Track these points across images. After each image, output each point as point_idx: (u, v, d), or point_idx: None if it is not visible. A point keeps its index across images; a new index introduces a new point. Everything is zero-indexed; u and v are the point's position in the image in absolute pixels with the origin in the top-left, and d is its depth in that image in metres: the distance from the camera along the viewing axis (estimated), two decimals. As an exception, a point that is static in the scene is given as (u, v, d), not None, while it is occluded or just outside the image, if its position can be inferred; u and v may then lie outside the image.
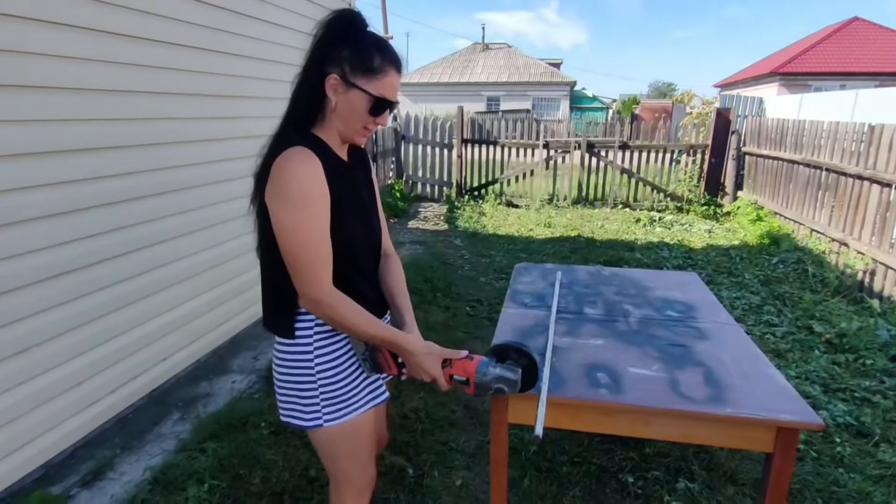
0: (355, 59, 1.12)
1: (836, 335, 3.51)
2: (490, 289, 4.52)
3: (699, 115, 10.31)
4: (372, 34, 1.17)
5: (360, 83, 1.13)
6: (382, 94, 1.15)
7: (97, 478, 2.21)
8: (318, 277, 1.12)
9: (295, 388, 1.24)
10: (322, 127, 1.20)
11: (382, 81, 1.14)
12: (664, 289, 2.33)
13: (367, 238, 1.29)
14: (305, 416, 1.25)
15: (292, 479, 2.14)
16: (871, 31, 19.34)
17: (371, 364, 1.26)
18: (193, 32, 2.86)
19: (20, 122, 2.04)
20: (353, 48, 1.13)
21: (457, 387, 1.24)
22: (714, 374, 1.57)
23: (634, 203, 8.17)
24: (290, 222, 1.10)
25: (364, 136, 1.23)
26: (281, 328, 1.23)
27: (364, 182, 1.32)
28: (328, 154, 1.18)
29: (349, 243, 1.20)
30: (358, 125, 1.19)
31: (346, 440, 1.29)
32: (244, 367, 3.18)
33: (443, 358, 1.22)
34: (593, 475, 2.20)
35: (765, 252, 5.59)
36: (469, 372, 1.21)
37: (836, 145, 5.22)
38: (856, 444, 2.44)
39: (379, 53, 1.14)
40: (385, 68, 1.14)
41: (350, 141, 1.24)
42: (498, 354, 1.26)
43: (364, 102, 1.15)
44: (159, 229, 2.77)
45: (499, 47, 28.94)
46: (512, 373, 1.21)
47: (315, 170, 1.10)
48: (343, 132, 1.20)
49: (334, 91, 1.14)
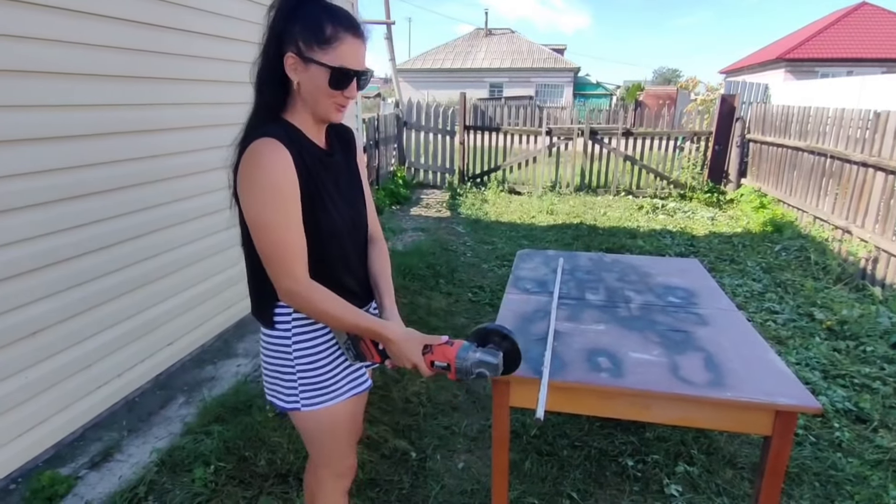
0: (307, 31, 1.07)
1: (838, 322, 3.53)
2: (492, 275, 4.54)
3: (704, 101, 10.23)
4: (322, 3, 1.10)
5: (317, 57, 1.07)
6: (341, 64, 1.08)
7: (105, 459, 2.25)
8: (291, 270, 1.10)
9: (276, 372, 1.26)
10: (293, 110, 1.15)
11: (339, 50, 1.07)
12: (666, 275, 2.34)
13: (350, 224, 1.25)
14: (285, 398, 1.27)
15: (297, 460, 2.17)
16: (879, 17, 19.07)
17: (354, 352, 1.26)
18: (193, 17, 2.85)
19: (19, 107, 2.04)
20: (304, 22, 1.07)
21: (438, 373, 1.23)
22: (714, 359, 1.58)
23: (637, 190, 8.14)
24: (260, 217, 1.08)
25: (339, 113, 1.16)
26: (262, 317, 1.24)
27: (346, 167, 1.28)
28: (300, 141, 1.14)
29: (329, 231, 1.18)
30: (327, 102, 1.12)
31: (325, 425, 1.30)
32: (249, 351, 3.21)
33: (423, 344, 1.21)
34: (593, 458, 2.23)
35: (767, 240, 5.59)
36: (449, 357, 1.20)
37: (841, 132, 5.18)
38: (854, 429, 2.46)
39: (330, 21, 1.07)
40: (339, 35, 1.07)
41: (326, 120, 1.18)
42: (480, 339, 1.25)
43: (324, 76, 1.08)
44: (166, 214, 2.78)
45: (502, 33, 28.65)
46: (492, 356, 1.20)
47: (283, 160, 1.06)
48: (314, 111, 1.15)
49: (294, 70, 1.09)
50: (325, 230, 1.17)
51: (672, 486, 2.07)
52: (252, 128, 1.14)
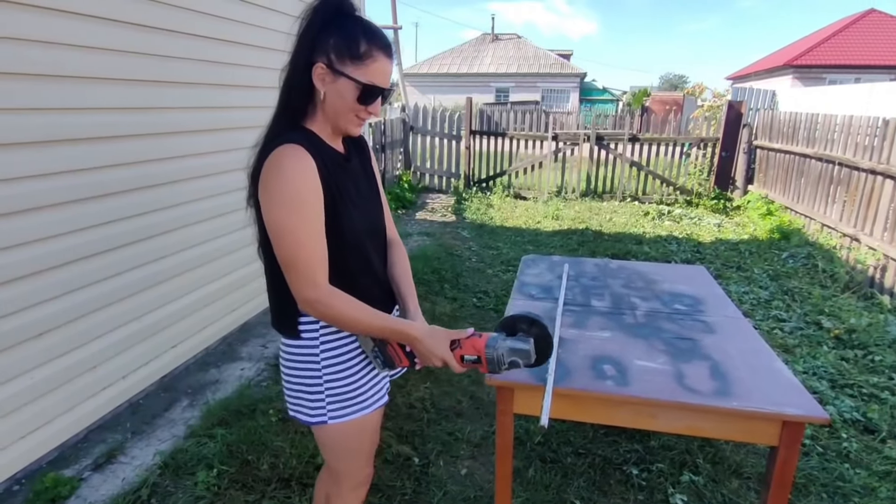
0: (342, 45, 1.08)
1: (846, 331, 3.49)
2: (497, 280, 4.53)
3: (710, 107, 10.19)
4: (359, 18, 1.12)
5: (348, 71, 1.08)
6: (371, 80, 1.10)
7: (109, 461, 2.26)
8: (313, 278, 1.09)
9: (301, 385, 1.24)
10: (314, 119, 1.16)
11: (371, 68, 1.09)
12: (672, 282, 2.33)
13: (370, 228, 1.26)
14: (311, 412, 1.24)
15: (300, 465, 2.17)
16: (887, 24, 18.99)
17: (382, 360, 1.23)
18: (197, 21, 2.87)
19: (35, 110, 2.06)
20: (339, 35, 1.08)
21: (469, 368, 1.18)
22: (720, 368, 1.57)
23: (643, 196, 8.12)
24: (282, 224, 1.07)
25: (358, 126, 1.18)
26: (286, 328, 1.22)
27: (363, 171, 1.29)
28: (321, 148, 1.14)
29: (350, 236, 1.18)
30: (349, 115, 1.14)
31: (350, 438, 1.28)
32: (253, 354, 3.21)
33: (450, 339, 1.18)
34: (598, 467, 2.21)
35: (774, 247, 5.55)
36: (479, 349, 1.15)
37: (849, 139, 5.15)
38: (862, 440, 2.43)
39: (366, 38, 1.09)
40: (373, 53, 1.09)
41: (343, 132, 1.20)
42: (507, 328, 1.19)
43: (353, 91, 1.10)
44: (172, 217, 2.79)
45: (508, 38, 28.71)
46: (524, 343, 1.15)
47: (307, 168, 1.07)
48: (334, 123, 1.16)
49: (322, 81, 1.10)
50: (347, 235, 1.17)
51: (677, 495, 2.05)
52: (274, 134, 1.15)
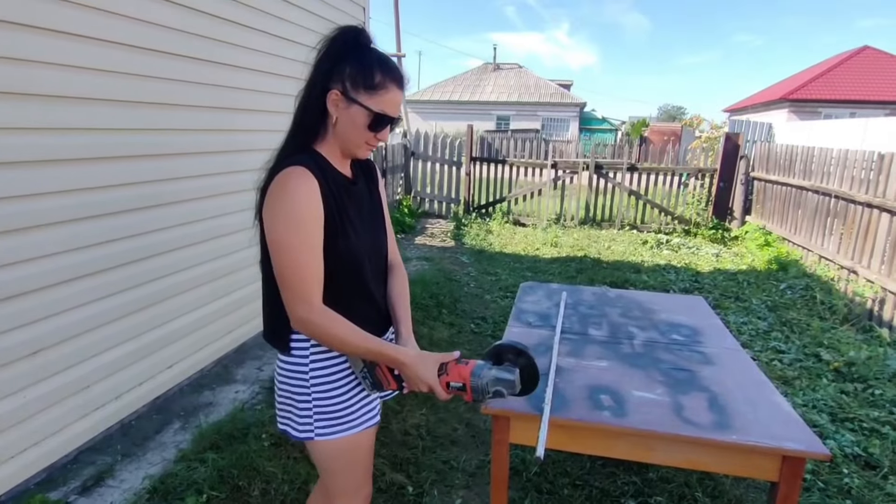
0: (357, 74, 1.13)
1: (845, 364, 3.47)
2: (495, 306, 4.52)
3: (708, 139, 10.34)
4: (375, 51, 1.18)
5: (361, 99, 1.14)
6: (382, 109, 1.15)
7: (97, 484, 2.21)
8: (308, 297, 1.12)
9: (291, 399, 1.26)
10: (324, 142, 1.21)
11: (383, 98, 1.15)
12: (670, 312, 2.32)
13: (369, 251, 1.28)
14: (298, 427, 1.26)
15: (291, 491, 2.13)
16: (881, 61, 19.40)
17: (371, 381, 1.23)
18: (200, 44, 2.93)
19: (30, 129, 2.08)
20: (355, 64, 1.14)
21: (455, 394, 1.19)
22: (719, 400, 1.56)
23: (642, 225, 8.16)
24: (282, 242, 1.11)
25: (366, 152, 1.23)
26: (278, 342, 1.25)
27: (368, 194, 1.33)
28: (327, 170, 1.19)
29: (348, 257, 1.20)
30: (359, 140, 1.19)
31: (339, 456, 1.29)
32: (248, 377, 3.18)
33: (438, 364, 1.18)
34: (595, 499, 2.17)
35: (773, 278, 5.56)
36: (464, 377, 1.16)
37: (845, 173, 5.21)
38: (864, 475, 2.39)
39: (380, 70, 1.14)
40: (386, 84, 1.15)
41: (352, 156, 1.25)
42: (494, 357, 1.21)
43: (364, 118, 1.15)
44: (169, 238, 2.80)
45: (510, 67, 29.25)
46: (509, 373, 1.15)
47: (311, 190, 1.11)
48: (344, 147, 1.21)
49: (335, 106, 1.16)
50: (345, 257, 1.20)
51: (676, 530, 2.01)
52: (285, 154, 1.20)
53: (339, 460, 1.30)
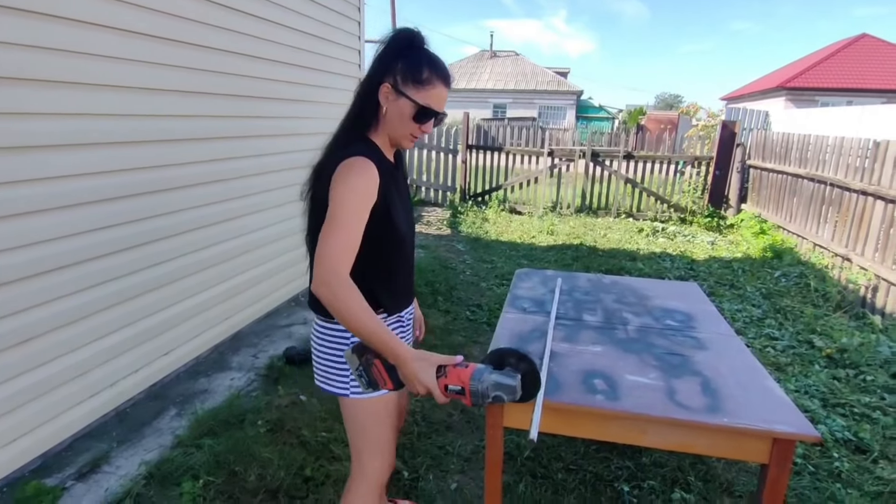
0: (407, 70, 1.26)
1: (837, 350, 3.50)
2: (491, 294, 4.52)
3: (704, 127, 10.32)
4: (426, 51, 1.31)
5: (409, 92, 1.27)
6: (427, 103, 1.28)
7: (93, 470, 2.22)
8: (338, 262, 1.16)
9: (330, 360, 1.38)
10: (376, 131, 1.34)
11: (429, 92, 1.28)
12: (664, 298, 2.33)
13: (411, 231, 1.46)
14: (336, 385, 1.39)
15: (287, 477, 2.14)
16: (879, 49, 19.35)
17: (367, 380, 1.22)
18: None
19: (33, 115, 2.06)
20: (407, 61, 1.27)
21: (453, 398, 1.17)
22: (711, 385, 1.57)
23: (638, 213, 8.17)
24: (340, 206, 1.19)
25: (411, 142, 1.36)
26: (323, 309, 1.32)
27: (403, 179, 1.50)
28: (380, 159, 1.31)
29: (399, 237, 1.36)
30: (405, 131, 1.32)
31: (370, 414, 1.39)
32: (244, 364, 3.18)
33: (437, 366, 1.17)
34: (589, 483, 2.19)
35: (767, 265, 5.58)
36: (464, 380, 1.13)
37: (840, 160, 5.22)
38: (854, 459, 2.42)
39: (429, 67, 1.27)
40: (433, 81, 1.28)
41: (398, 146, 1.40)
42: (495, 361, 1.19)
43: (410, 110, 1.28)
44: (164, 225, 2.78)
45: (507, 55, 29.05)
46: (510, 378, 1.14)
47: (371, 178, 1.24)
48: (392, 137, 1.35)
49: (385, 98, 1.29)
50: (396, 237, 1.36)
51: (668, 513, 2.03)
52: (344, 141, 1.32)
53: (369, 418, 1.40)
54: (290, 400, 2.74)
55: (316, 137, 1.51)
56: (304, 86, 3.91)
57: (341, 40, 4.42)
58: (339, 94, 4.35)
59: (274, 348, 3.37)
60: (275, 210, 3.76)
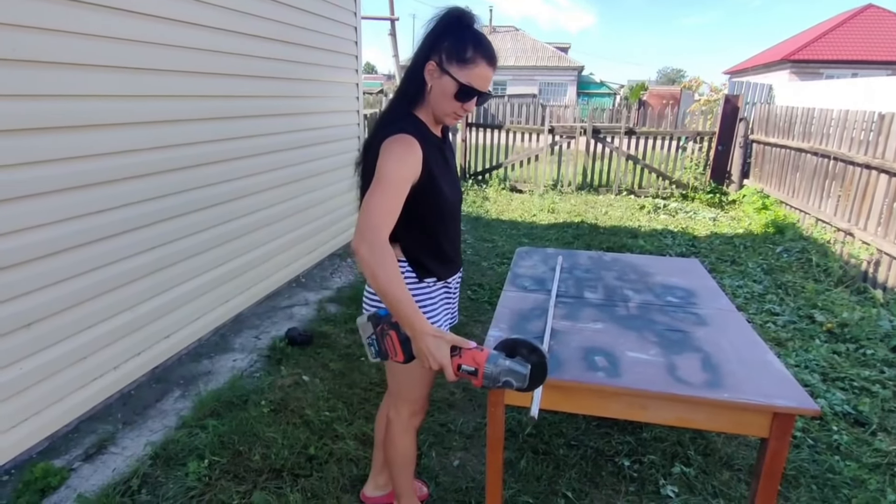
0: (452, 48, 1.29)
1: (838, 325, 3.51)
2: (492, 273, 4.52)
3: (707, 101, 10.19)
4: (473, 30, 1.32)
5: (452, 70, 1.30)
6: (470, 82, 1.30)
7: (99, 451, 2.25)
8: (378, 227, 1.20)
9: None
10: (422, 107, 1.39)
11: (472, 71, 1.30)
12: (665, 275, 2.32)
13: (458, 201, 1.53)
14: None
15: (291, 456, 2.17)
16: (885, 19, 18.98)
17: (377, 349, 1.27)
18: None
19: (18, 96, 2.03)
20: (452, 40, 1.30)
21: (463, 378, 1.21)
22: (712, 360, 1.57)
23: (639, 190, 8.12)
24: (389, 170, 1.25)
25: (454, 120, 1.40)
26: None
27: (451, 153, 1.55)
28: (426, 134, 1.37)
29: (447, 207, 1.43)
30: (447, 109, 1.35)
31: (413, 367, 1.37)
32: (245, 346, 3.20)
33: (452, 345, 1.20)
34: (590, 458, 2.22)
35: (769, 241, 5.56)
36: (479, 362, 1.18)
37: (844, 134, 5.15)
38: (853, 432, 2.44)
39: (473, 47, 1.29)
40: (476, 60, 1.30)
41: (442, 122, 1.43)
42: (508, 349, 1.23)
43: (453, 88, 1.31)
44: (162, 207, 2.76)
45: (506, 30, 28.57)
46: (522, 367, 1.19)
47: (414, 153, 1.29)
48: (435, 113, 1.38)
49: (430, 76, 1.33)
50: (444, 207, 1.42)
51: (668, 486, 2.06)
52: (393, 117, 1.38)
53: (413, 371, 1.48)
54: (293, 380, 2.76)
55: (308, 117, 1.50)
56: (295, 63, 3.85)
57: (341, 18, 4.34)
58: (341, 73, 4.28)
59: (276, 329, 3.38)
60: (274, 190, 3.74)
